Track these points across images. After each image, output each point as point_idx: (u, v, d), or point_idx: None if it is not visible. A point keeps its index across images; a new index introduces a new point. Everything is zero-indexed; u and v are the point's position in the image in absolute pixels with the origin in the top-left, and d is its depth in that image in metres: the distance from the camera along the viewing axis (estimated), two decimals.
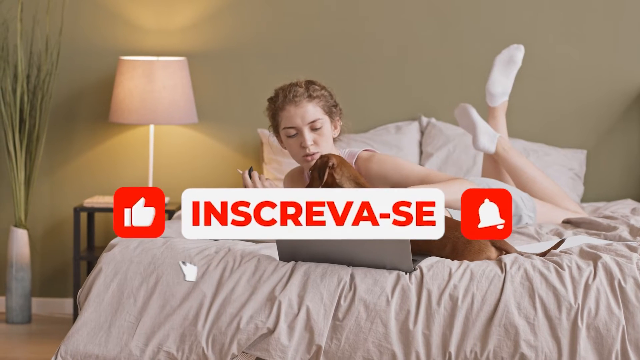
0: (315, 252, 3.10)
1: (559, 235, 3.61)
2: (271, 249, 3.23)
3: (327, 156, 3.33)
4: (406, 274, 3.05)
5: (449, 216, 3.17)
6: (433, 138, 4.91)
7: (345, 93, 4.63)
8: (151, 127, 5.02)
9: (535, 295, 2.99)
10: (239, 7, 5.09)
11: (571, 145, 5.01)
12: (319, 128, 3.52)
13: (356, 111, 4.97)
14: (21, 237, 5.03)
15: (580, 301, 2.97)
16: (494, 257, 3.15)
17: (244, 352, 3.04)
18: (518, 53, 4.24)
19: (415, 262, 3.10)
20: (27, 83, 5.02)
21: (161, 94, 4.86)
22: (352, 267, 3.09)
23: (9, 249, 5.04)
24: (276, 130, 3.59)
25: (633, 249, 3.19)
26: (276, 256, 3.17)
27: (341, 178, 3.29)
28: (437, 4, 5.03)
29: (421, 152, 4.93)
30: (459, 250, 3.14)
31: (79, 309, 3.18)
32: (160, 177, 5.13)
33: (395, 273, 3.05)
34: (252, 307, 3.04)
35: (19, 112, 4.99)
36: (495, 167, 4.28)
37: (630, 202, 4.59)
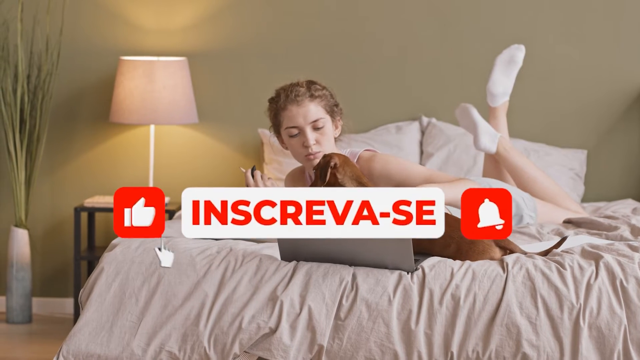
0: (317, 251, 3.09)
1: (560, 235, 3.61)
2: (273, 249, 3.23)
3: (329, 156, 3.32)
4: (408, 273, 3.05)
5: (453, 216, 3.16)
6: (433, 138, 4.91)
7: (346, 93, 4.63)
8: (151, 127, 5.02)
9: (537, 295, 2.99)
10: (239, 7, 5.08)
11: (572, 145, 5.01)
12: (321, 127, 3.53)
13: (357, 111, 4.97)
14: (22, 237, 5.03)
15: (582, 301, 2.97)
16: (497, 258, 3.15)
17: (246, 351, 3.04)
18: (519, 53, 4.24)
19: (417, 261, 3.10)
20: (27, 83, 5.02)
21: (161, 94, 4.86)
22: (353, 266, 3.09)
23: (9, 248, 5.03)
24: (277, 131, 3.59)
25: (635, 249, 3.19)
26: (278, 256, 3.16)
27: (343, 178, 3.29)
28: (437, 4, 5.03)
29: (422, 152, 4.93)
30: (463, 251, 3.14)
31: (81, 308, 3.17)
32: (160, 177, 5.13)
33: (397, 273, 3.05)
34: (254, 306, 3.04)
35: (19, 112, 4.98)
36: (496, 167, 4.28)
37: (631, 202, 4.59)
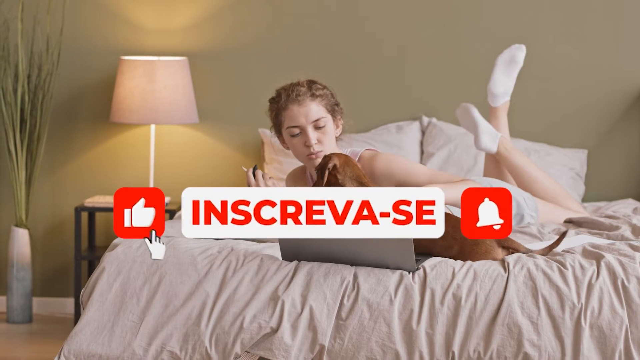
0: (318, 251, 3.09)
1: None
2: (274, 249, 3.23)
3: (328, 157, 3.31)
4: (409, 273, 3.05)
5: (456, 217, 3.16)
6: (434, 138, 4.90)
7: (346, 93, 4.63)
8: (152, 126, 5.02)
9: (538, 294, 2.99)
10: (239, 7, 5.08)
11: (572, 145, 5.01)
12: (323, 127, 3.52)
13: (357, 111, 4.97)
14: (22, 237, 5.03)
15: (583, 301, 2.97)
16: (500, 259, 3.14)
17: (247, 351, 3.03)
18: (520, 53, 4.24)
19: (418, 261, 3.10)
20: (28, 83, 5.01)
21: (162, 93, 4.86)
22: (355, 266, 3.08)
23: (9, 248, 5.03)
24: (278, 131, 3.59)
25: (636, 249, 3.19)
26: (279, 255, 3.16)
27: (344, 178, 3.28)
28: (437, 3, 5.03)
29: (422, 151, 4.93)
30: (466, 252, 3.13)
31: (82, 308, 3.17)
32: (161, 176, 5.13)
33: (399, 272, 3.05)
34: (256, 306, 3.04)
35: (19, 112, 4.98)
36: (497, 167, 4.28)
37: (632, 202, 4.58)
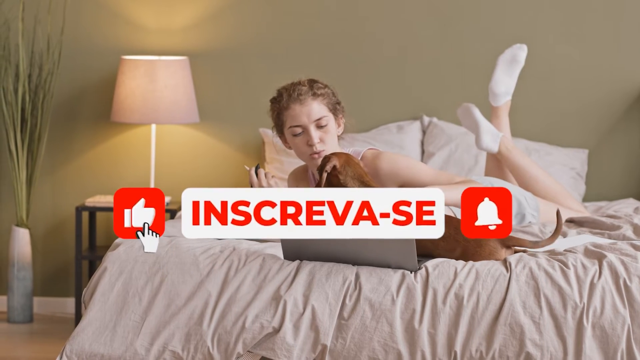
0: (320, 251, 3.09)
1: (563, 234, 3.61)
2: (276, 248, 3.23)
3: (328, 157, 3.30)
4: (411, 273, 3.05)
5: (458, 219, 3.15)
6: (435, 137, 4.91)
7: (347, 93, 4.63)
8: (153, 126, 5.02)
9: (540, 294, 2.99)
10: (240, 6, 5.08)
11: (573, 145, 5.01)
12: (325, 125, 3.52)
13: (358, 111, 4.96)
14: (23, 237, 5.03)
15: (585, 300, 2.97)
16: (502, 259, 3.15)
17: (249, 351, 3.03)
18: (521, 53, 4.24)
19: (420, 261, 3.10)
20: (28, 82, 5.01)
21: (163, 93, 4.86)
22: (357, 266, 3.09)
23: (10, 248, 5.03)
24: (280, 130, 3.58)
25: (638, 248, 3.19)
26: (281, 255, 3.16)
27: (345, 178, 3.27)
28: (438, 3, 5.03)
29: (423, 151, 4.92)
30: (469, 254, 3.12)
31: (84, 308, 3.17)
32: (161, 176, 5.13)
33: (401, 272, 3.05)
34: (258, 306, 3.04)
35: (20, 112, 4.98)
36: (499, 166, 4.28)
37: (633, 202, 4.58)
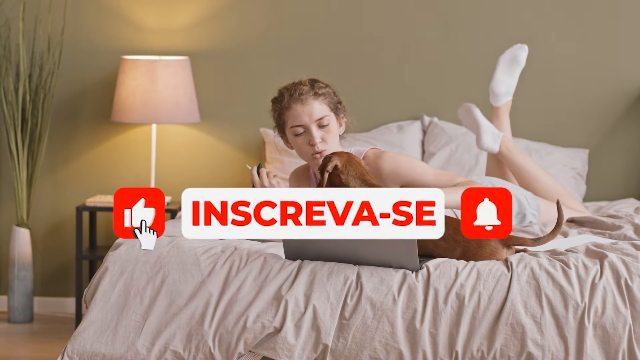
0: (322, 251, 3.09)
1: (564, 234, 3.61)
2: (277, 248, 3.23)
3: (329, 157, 3.29)
4: (413, 272, 3.05)
5: (458, 219, 3.15)
6: (435, 137, 4.91)
7: (348, 92, 4.63)
8: (153, 126, 5.02)
9: (541, 294, 2.99)
10: (241, 6, 5.08)
11: (573, 145, 5.01)
12: (326, 125, 3.52)
13: (359, 111, 4.96)
14: (23, 237, 5.03)
15: (587, 300, 2.97)
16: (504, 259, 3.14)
17: (250, 351, 3.03)
18: (522, 53, 4.24)
19: (421, 261, 3.10)
20: (29, 82, 5.01)
21: (163, 93, 4.86)
22: (358, 265, 3.09)
23: (11, 248, 5.03)
24: (282, 130, 3.58)
25: (639, 248, 3.19)
26: (282, 255, 3.16)
27: (347, 177, 3.26)
28: (439, 3, 5.03)
29: (423, 151, 4.92)
30: (470, 254, 3.12)
31: (85, 308, 3.17)
32: (162, 176, 5.13)
33: (402, 272, 3.05)
34: (259, 306, 3.04)
35: (21, 112, 4.98)
36: (499, 166, 4.28)
37: (634, 202, 4.58)
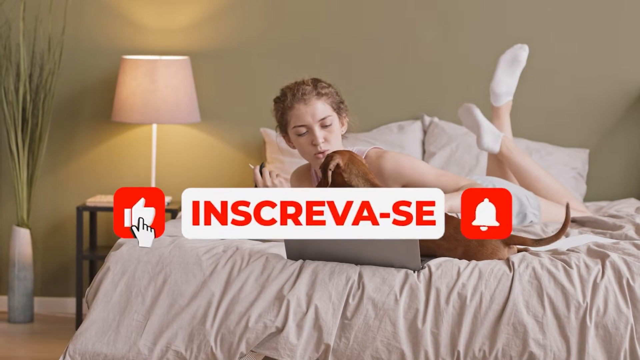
0: (323, 251, 3.09)
1: (565, 234, 3.61)
2: (279, 248, 3.23)
3: (330, 156, 3.29)
4: (414, 272, 3.05)
5: (458, 219, 3.15)
6: (436, 137, 4.91)
7: (348, 92, 4.59)
8: (154, 126, 5.02)
9: (543, 293, 2.99)
10: (241, 6, 5.08)
11: (574, 145, 5.02)
12: (329, 125, 3.51)
13: (359, 110, 4.91)
14: (23, 237, 5.03)
15: (588, 300, 2.98)
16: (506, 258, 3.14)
17: (252, 351, 3.03)
18: (522, 53, 4.24)
19: (423, 260, 3.10)
20: (29, 82, 5.01)
21: (164, 93, 4.86)
22: (360, 265, 3.09)
23: (11, 248, 5.03)
24: (284, 130, 3.57)
25: None
26: (284, 255, 3.16)
27: (349, 176, 3.26)
28: (439, 3, 5.03)
29: (424, 151, 4.92)
30: (471, 253, 3.12)
31: (87, 307, 3.17)
32: (162, 176, 5.13)
33: (404, 271, 3.05)
34: (261, 306, 3.04)
35: (21, 111, 4.98)
36: (500, 166, 4.28)
37: (634, 201, 4.59)
